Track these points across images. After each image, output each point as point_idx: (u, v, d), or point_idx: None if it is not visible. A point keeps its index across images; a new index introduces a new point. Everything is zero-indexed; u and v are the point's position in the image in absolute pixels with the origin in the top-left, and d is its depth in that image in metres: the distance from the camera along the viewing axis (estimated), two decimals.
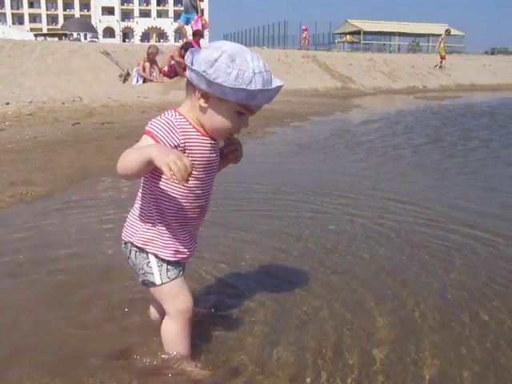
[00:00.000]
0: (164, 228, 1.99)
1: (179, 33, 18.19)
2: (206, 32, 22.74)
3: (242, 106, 1.91)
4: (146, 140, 1.89)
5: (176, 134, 1.89)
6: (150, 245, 1.99)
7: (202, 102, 1.91)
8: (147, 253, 2.00)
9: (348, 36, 54.32)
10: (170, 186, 1.95)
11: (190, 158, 1.85)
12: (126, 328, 2.32)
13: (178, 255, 2.03)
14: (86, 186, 4.81)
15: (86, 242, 3.39)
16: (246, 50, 1.89)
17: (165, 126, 1.89)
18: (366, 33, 53.85)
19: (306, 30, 31.59)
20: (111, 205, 4.25)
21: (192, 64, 1.85)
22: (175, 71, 14.79)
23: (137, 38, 78.01)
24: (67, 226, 3.68)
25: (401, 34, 55.52)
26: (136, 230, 2.02)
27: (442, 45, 27.54)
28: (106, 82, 13.84)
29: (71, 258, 3.10)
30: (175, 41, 63.00)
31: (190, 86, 1.93)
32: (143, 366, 2.06)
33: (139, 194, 2.04)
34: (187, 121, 1.94)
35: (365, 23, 56.03)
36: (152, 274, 2.00)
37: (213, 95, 1.87)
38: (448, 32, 28.18)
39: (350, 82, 22.01)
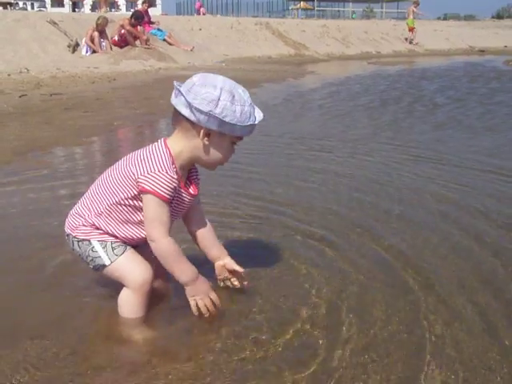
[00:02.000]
0: (108, 235, 2.06)
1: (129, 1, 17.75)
2: None
3: (238, 137, 2.02)
4: (160, 206, 1.94)
5: (174, 192, 1.97)
6: (91, 235, 2.04)
7: (205, 140, 1.97)
8: (89, 240, 2.04)
9: (302, 3, 54.01)
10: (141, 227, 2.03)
11: (171, 208, 2.00)
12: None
13: (124, 241, 2.08)
14: (31, 158, 4.73)
15: (30, 212, 3.36)
16: (235, 83, 1.98)
17: (170, 185, 1.93)
18: None
19: (202, 6, 28.70)
20: (56, 176, 4.20)
21: (191, 104, 1.88)
22: (125, 40, 14.51)
23: (87, 8, 75.55)
24: (9, 198, 3.62)
25: (355, 0, 55.49)
26: (76, 223, 2.06)
27: (410, 17, 27.50)
28: (55, 53, 13.47)
29: (15, 228, 3.07)
30: (127, 10, 61.30)
31: (186, 126, 1.96)
32: (93, 330, 2.06)
33: (101, 204, 2.04)
34: (176, 172, 1.97)
35: None
36: (99, 256, 2.02)
37: (216, 132, 1.95)
38: (417, 3, 28.03)
39: (303, 48, 22.01)
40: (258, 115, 2.00)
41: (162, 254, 1.97)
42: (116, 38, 14.48)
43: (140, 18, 14.77)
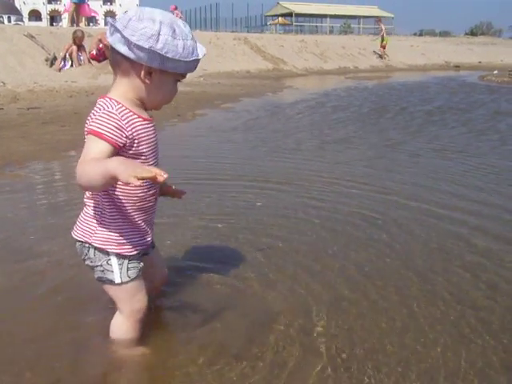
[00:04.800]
0: (121, 223, 1.91)
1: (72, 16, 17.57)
2: None
3: (182, 75, 1.88)
4: (95, 142, 1.73)
5: (123, 129, 1.77)
6: (109, 244, 1.90)
7: (147, 79, 1.82)
8: (107, 252, 1.91)
9: (280, 18, 54.52)
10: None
11: (140, 148, 1.84)
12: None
13: (138, 247, 1.96)
14: (7, 172, 4.69)
15: (5, 228, 3.33)
16: (173, 16, 1.84)
17: (111, 122, 1.75)
18: (298, 15, 54.18)
19: (176, 9, 27.50)
20: (31, 190, 4.18)
21: (129, 41, 1.72)
22: (104, 54, 14.44)
23: (65, 22, 75.24)
24: None
25: (332, 16, 56.18)
26: (91, 229, 1.91)
27: (384, 34, 27.99)
28: (32, 67, 13.37)
29: None
30: (105, 24, 61.22)
31: (125, 66, 1.81)
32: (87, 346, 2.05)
33: (87, 193, 1.94)
34: (126, 108, 1.81)
35: (296, 5, 56.29)
36: (112, 271, 1.91)
37: (158, 70, 1.80)
38: (380, 20, 28.64)
39: (281, 63, 22.17)
40: (201, 50, 1.86)
41: (81, 174, 1.71)
42: (94, 52, 14.41)
43: None
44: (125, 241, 1.91)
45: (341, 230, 3.33)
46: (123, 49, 1.75)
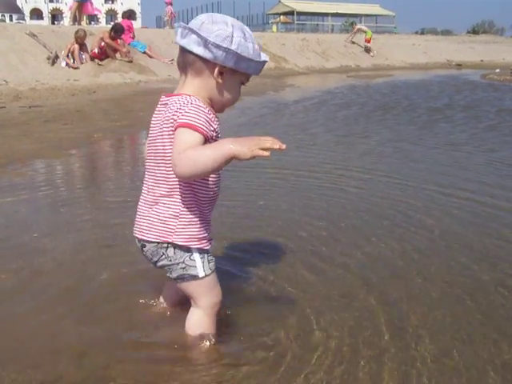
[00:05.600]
0: (198, 218, 1.93)
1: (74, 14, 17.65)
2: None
3: (247, 77, 1.95)
4: (190, 134, 1.76)
5: (212, 122, 1.84)
6: (191, 240, 1.91)
7: (219, 79, 1.88)
8: (188, 248, 1.93)
9: (282, 16, 54.45)
10: None
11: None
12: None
13: (210, 240, 1.99)
14: (9, 171, 4.69)
15: (8, 225, 3.33)
16: (241, 22, 1.92)
17: (202, 116, 1.80)
18: (300, 13, 54.09)
19: (171, 3, 26.36)
20: (34, 188, 4.18)
21: (207, 41, 1.79)
22: (105, 53, 14.47)
23: (66, 20, 75.27)
24: None
25: (334, 15, 56.10)
26: (171, 228, 1.90)
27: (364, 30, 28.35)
28: (34, 65, 13.37)
29: None
30: (107, 23, 61.27)
31: (199, 66, 1.86)
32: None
33: (161, 192, 1.92)
34: (205, 104, 1.87)
35: (298, 3, 56.20)
36: (195, 267, 1.93)
37: (229, 70, 1.87)
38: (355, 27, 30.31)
39: (283, 61, 22.14)
40: (263, 55, 1.94)
41: (191, 163, 1.71)
42: (96, 50, 14.42)
43: (120, 31, 14.74)
44: (204, 235, 1.95)
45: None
46: (199, 49, 1.83)
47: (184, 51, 1.88)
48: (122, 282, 2.48)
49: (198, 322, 2.02)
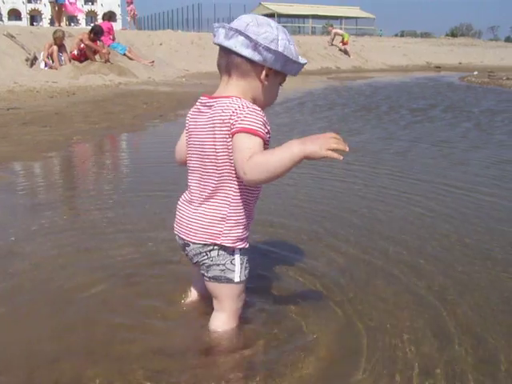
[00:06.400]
0: (244, 218, 1.94)
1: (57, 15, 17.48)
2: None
3: (284, 78, 1.98)
4: (251, 138, 1.76)
5: (267, 124, 1.84)
6: (237, 242, 1.93)
7: (266, 80, 1.90)
8: (233, 250, 1.94)
9: None
10: None
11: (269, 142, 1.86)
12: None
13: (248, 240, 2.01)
14: None
15: None
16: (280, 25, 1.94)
17: (259, 119, 1.80)
18: (280, 15, 54.29)
19: (132, 2, 25.52)
20: (11, 191, 4.13)
21: (257, 43, 1.80)
22: (85, 55, 14.36)
23: (46, 22, 74.49)
24: None
25: (314, 17, 56.41)
26: (218, 230, 1.90)
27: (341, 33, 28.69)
28: (12, 67, 13.23)
29: None
30: (86, 24, 60.82)
31: (245, 68, 1.86)
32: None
33: (206, 193, 1.92)
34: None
35: (279, 6, 56.53)
36: (233, 271, 1.95)
37: (273, 72, 1.89)
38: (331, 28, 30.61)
39: None
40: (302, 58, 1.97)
41: (261, 170, 1.73)
42: (75, 52, 14.31)
43: (99, 33, 14.64)
44: (247, 235, 1.98)
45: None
46: (247, 51, 1.82)
47: (228, 52, 1.87)
48: (99, 286, 2.45)
49: (222, 325, 2.03)
